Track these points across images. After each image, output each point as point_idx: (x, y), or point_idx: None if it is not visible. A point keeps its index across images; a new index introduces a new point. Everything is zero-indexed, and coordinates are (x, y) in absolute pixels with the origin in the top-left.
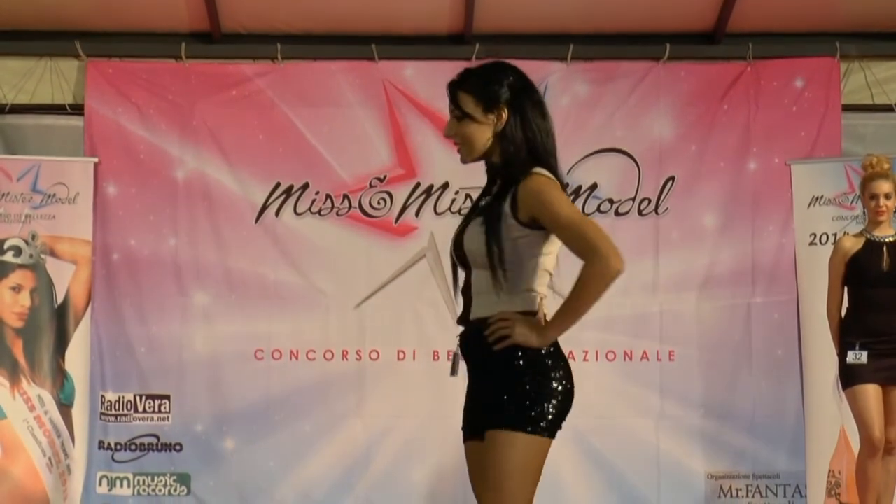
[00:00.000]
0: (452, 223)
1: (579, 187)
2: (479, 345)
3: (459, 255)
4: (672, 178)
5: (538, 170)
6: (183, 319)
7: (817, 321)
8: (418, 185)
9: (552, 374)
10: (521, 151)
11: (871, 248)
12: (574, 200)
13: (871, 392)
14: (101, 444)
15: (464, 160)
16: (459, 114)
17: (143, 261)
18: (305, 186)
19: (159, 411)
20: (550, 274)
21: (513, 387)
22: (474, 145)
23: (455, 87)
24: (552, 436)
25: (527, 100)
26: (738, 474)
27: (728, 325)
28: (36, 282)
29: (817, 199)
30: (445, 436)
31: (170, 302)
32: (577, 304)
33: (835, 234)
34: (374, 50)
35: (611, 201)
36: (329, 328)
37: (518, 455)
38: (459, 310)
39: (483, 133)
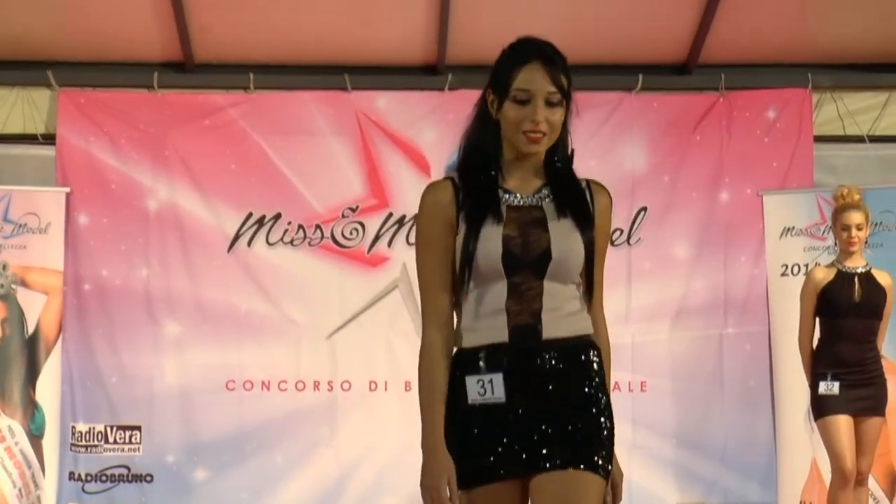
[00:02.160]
0: None
1: None
2: (576, 366)
3: (541, 265)
4: (644, 209)
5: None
6: (154, 349)
7: (789, 352)
8: (391, 215)
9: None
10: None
11: (843, 279)
12: None
13: (842, 423)
14: (71, 475)
15: (535, 151)
16: (560, 96)
17: (115, 291)
18: (278, 216)
19: (130, 442)
20: None
21: (606, 424)
22: (557, 134)
23: (560, 62)
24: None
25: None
26: None
27: (700, 356)
28: (7, 312)
29: (789, 229)
30: (418, 467)
31: (141, 332)
32: None
33: (806, 265)
34: (347, 80)
35: None
36: (301, 359)
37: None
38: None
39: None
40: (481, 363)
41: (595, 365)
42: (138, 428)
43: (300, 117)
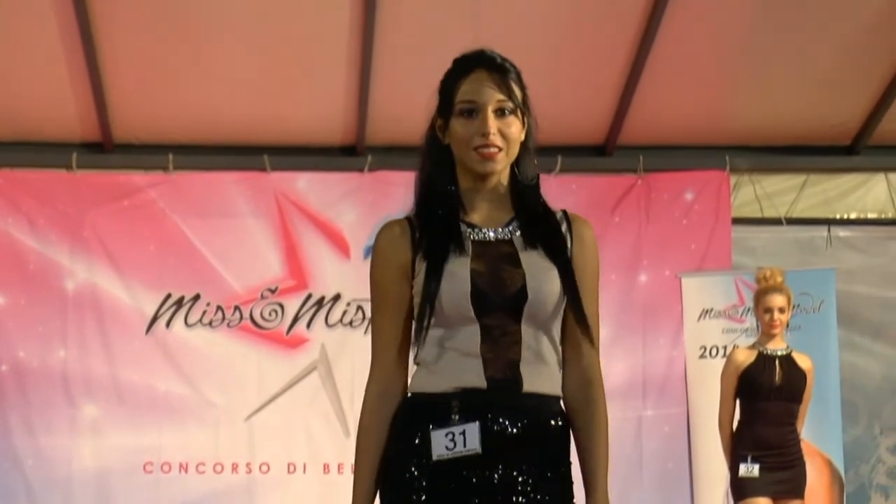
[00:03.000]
0: (344, 335)
1: None
2: (544, 430)
3: (516, 306)
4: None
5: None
6: (72, 431)
7: (707, 434)
8: (310, 296)
9: None
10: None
11: (765, 361)
12: None
13: None
14: None
15: (491, 170)
16: (512, 105)
17: (32, 372)
18: (196, 297)
19: None
20: None
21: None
22: (515, 149)
23: (509, 70)
24: None
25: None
26: None
27: (619, 438)
28: None
29: (707, 311)
30: None
31: (58, 414)
32: None
33: (725, 347)
34: (267, 160)
35: None
36: (219, 440)
37: None
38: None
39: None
40: (454, 415)
41: (567, 432)
42: None
43: (219, 198)
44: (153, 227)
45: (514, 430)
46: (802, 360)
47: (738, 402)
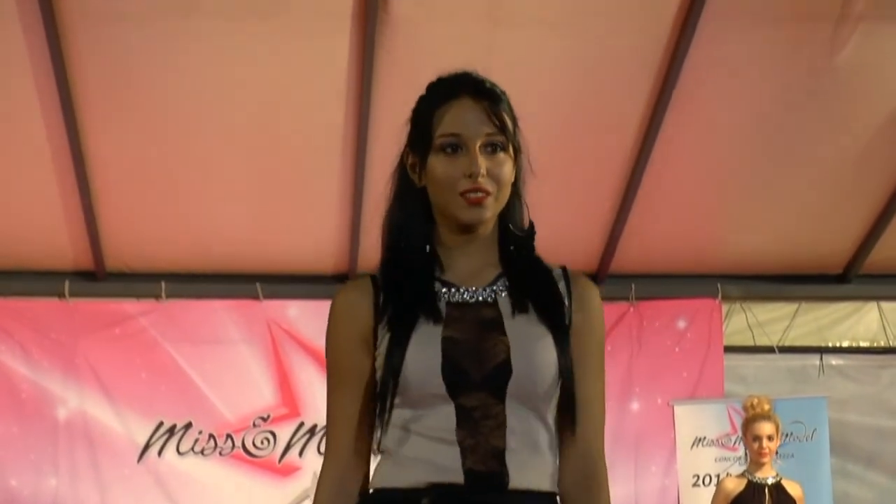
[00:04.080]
0: None
1: None
2: None
3: (499, 382)
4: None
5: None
6: None
7: None
8: (302, 424)
9: None
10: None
11: (754, 489)
12: None
13: None
14: None
15: (480, 219)
16: (504, 139)
17: (24, 501)
18: (188, 426)
19: None
20: None
21: None
22: (507, 194)
23: (500, 96)
24: None
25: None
26: None
27: None
28: None
29: (700, 440)
30: None
31: None
32: None
33: (718, 476)
34: (259, 288)
35: None
36: None
37: None
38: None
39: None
40: None
41: None
42: None
43: (211, 326)
44: (145, 355)
45: None
46: (793, 488)
47: None
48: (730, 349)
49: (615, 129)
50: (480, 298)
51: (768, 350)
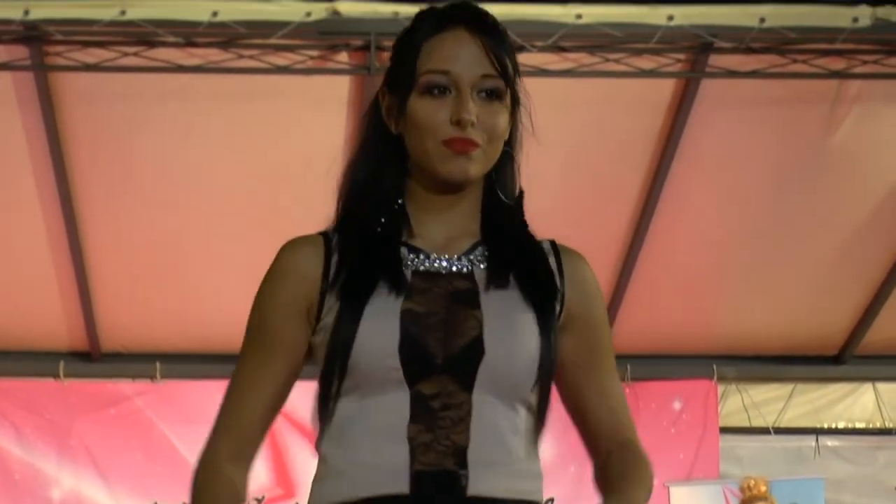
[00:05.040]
0: None
1: None
2: None
3: (467, 366)
4: (552, 500)
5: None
6: None
7: None
8: None
9: None
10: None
11: None
12: None
13: None
14: None
15: (463, 175)
16: (502, 84)
17: None
18: None
19: None
20: None
21: None
22: (498, 150)
23: (503, 33)
24: None
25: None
26: None
27: None
28: None
29: None
30: None
31: None
32: None
33: None
34: None
35: None
36: None
37: None
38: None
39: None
40: None
41: None
42: None
43: (206, 406)
44: (140, 436)
45: None
46: None
47: None
48: (725, 430)
49: (608, 215)
50: (454, 269)
51: (764, 431)
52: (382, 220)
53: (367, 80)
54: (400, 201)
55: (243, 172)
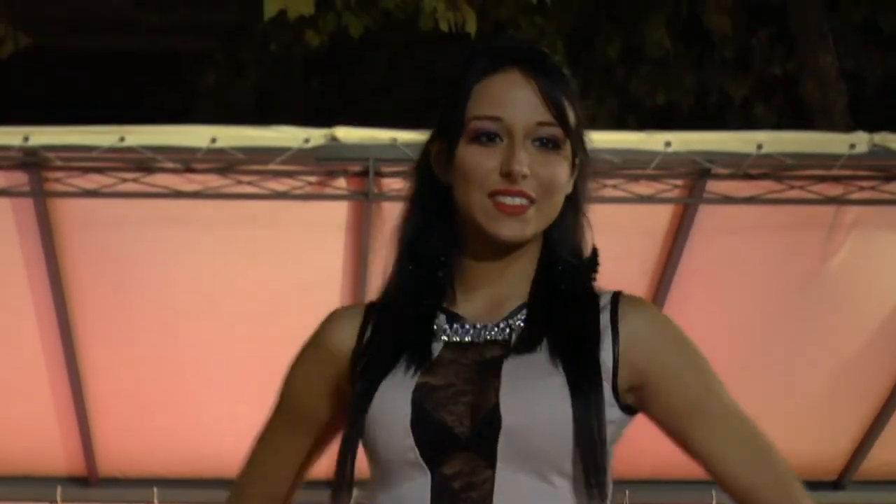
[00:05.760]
0: None
1: None
2: None
3: (486, 436)
4: None
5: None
6: None
7: None
8: None
9: None
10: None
11: None
12: None
13: None
14: None
15: (512, 235)
16: (561, 133)
17: None
18: None
19: None
20: None
21: None
22: (556, 207)
23: (563, 77)
24: None
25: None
26: None
27: None
28: None
29: None
30: None
31: None
32: None
33: None
34: None
35: None
36: None
37: None
38: None
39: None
40: None
41: None
42: None
43: None
44: None
45: None
46: None
47: None
48: None
49: None
50: (489, 337)
51: None
52: (424, 281)
53: (366, 205)
54: (443, 259)
55: (242, 298)
